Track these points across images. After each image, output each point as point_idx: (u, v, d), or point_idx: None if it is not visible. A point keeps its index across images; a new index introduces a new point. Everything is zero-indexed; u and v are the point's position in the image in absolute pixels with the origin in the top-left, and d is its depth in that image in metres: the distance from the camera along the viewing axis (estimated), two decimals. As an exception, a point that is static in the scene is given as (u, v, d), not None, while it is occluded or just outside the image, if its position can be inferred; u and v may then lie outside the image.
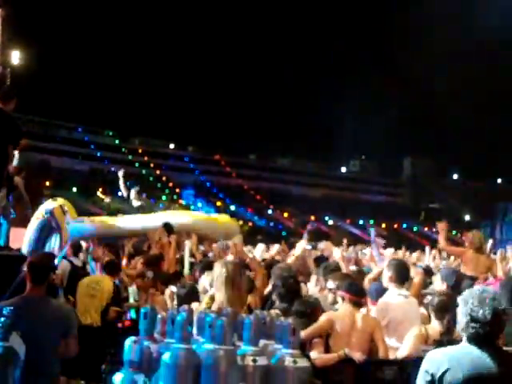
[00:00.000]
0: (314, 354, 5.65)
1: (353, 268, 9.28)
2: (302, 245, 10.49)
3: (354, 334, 5.86)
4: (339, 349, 5.80)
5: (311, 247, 12.41)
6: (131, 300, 9.50)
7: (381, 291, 6.97)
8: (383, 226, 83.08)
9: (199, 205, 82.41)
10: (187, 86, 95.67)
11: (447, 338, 5.14)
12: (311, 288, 8.07)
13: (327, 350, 5.97)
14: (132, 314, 8.86)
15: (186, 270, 9.71)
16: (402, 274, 6.85)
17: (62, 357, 5.60)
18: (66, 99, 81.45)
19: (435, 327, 5.73)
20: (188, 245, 10.26)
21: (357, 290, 6.16)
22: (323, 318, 6.03)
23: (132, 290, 9.65)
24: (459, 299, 3.80)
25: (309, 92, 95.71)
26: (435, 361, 3.58)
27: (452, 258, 14.51)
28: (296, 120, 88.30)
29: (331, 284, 7.00)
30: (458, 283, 7.53)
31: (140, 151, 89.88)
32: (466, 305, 3.61)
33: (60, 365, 8.34)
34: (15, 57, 19.36)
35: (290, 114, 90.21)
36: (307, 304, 6.54)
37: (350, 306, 6.03)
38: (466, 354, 3.55)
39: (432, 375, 3.52)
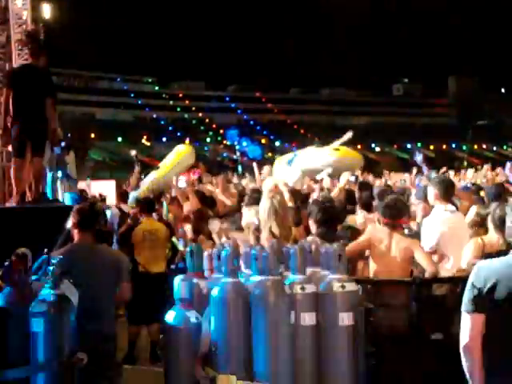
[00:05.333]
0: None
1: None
2: (346, 177, 10.43)
3: (393, 255, 5.83)
4: (379, 269, 5.79)
5: (355, 178, 12.36)
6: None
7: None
8: (431, 147, 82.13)
9: (244, 144, 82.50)
10: (221, 25, 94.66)
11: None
12: (358, 218, 8.02)
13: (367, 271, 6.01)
14: None
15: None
16: (447, 190, 6.80)
17: (116, 302, 5.72)
18: (101, 50, 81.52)
19: (492, 238, 5.68)
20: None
21: (391, 214, 6.05)
22: (362, 238, 6.04)
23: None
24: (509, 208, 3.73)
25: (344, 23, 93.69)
26: (482, 274, 3.54)
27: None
28: (330, 49, 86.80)
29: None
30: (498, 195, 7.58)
31: (180, 95, 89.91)
32: None
33: (126, 311, 8.64)
34: (46, 10, 19.28)
35: (322, 43, 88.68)
36: (346, 229, 6.54)
37: (387, 228, 5.98)
38: (510, 264, 3.50)
39: (479, 290, 3.47)
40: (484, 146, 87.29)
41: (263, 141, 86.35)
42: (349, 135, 17.20)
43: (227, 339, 4.30)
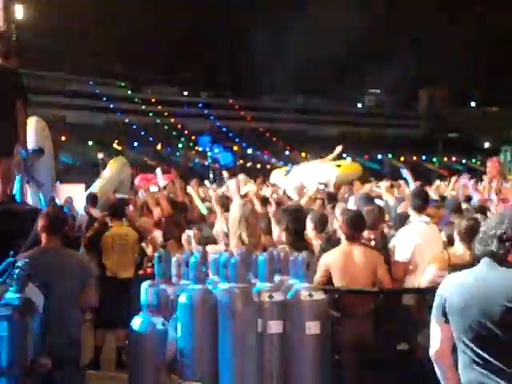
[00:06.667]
0: None
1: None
2: (315, 185, 10.49)
3: (356, 267, 5.77)
4: (343, 282, 5.73)
5: (324, 187, 12.43)
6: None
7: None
8: (402, 159, 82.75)
9: (216, 150, 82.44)
10: (195, 31, 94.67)
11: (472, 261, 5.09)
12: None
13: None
14: None
15: (204, 211, 9.82)
16: (421, 202, 6.87)
17: (82, 306, 5.68)
18: (73, 52, 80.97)
19: (458, 250, 5.73)
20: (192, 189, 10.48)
21: (352, 226, 5.93)
22: (320, 272, 5.77)
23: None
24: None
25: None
26: (444, 285, 3.60)
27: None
28: (308, 58, 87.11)
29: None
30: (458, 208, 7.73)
31: (153, 100, 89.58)
32: (486, 224, 3.58)
33: (92, 316, 8.54)
34: (19, 11, 19.06)
35: (298, 51, 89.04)
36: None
37: (347, 241, 5.91)
38: (472, 277, 3.54)
39: (445, 300, 3.52)
40: (454, 159, 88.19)
41: (235, 148, 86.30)
42: (339, 149, 17.44)
43: (194, 346, 4.29)
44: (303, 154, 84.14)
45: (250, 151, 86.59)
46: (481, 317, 3.40)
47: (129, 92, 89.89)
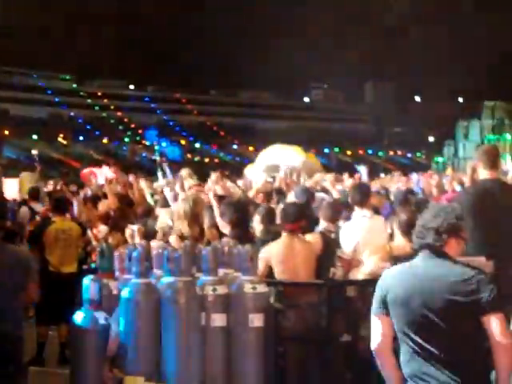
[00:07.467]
0: None
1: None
2: (263, 178, 10.50)
3: (297, 259, 5.81)
4: (284, 275, 5.76)
5: (272, 180, 12.45)
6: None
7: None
8: (348, 153, 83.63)
9: (163, 144, 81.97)
10: (142, 23, 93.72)
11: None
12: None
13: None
14: None
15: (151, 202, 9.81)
16: (363, 196, 6.94)
17: (24, 302, 5.57)
18: (17, 45, 79.47)
19: (400, 243, 5.80)
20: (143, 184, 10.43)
21: (287, 218, 5.96)
22: (260, 264, 5.75)
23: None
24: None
25: (267, 23, 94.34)
26: (384, 277, 3.64)
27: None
28: (255, 51, 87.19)
29: None
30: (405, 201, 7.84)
31: (99, 94, 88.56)
32: (422, 217, 3.65)
33: (35, 312, 8.41)
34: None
35: (247, 45, 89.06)
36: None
37: (287, 234, 5.96)
38: (411, 269, 3.60)
39: (385, 293, 3.56)
40: (399, 153, 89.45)
41: (182, 142, 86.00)
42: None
43: (136, 341, 4.25)
44: (251, 148, 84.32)
45: (197, 145, 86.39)
46: (422, 308, 3.46)
47: (74, 85, 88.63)
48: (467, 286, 3.42)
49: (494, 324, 3.38)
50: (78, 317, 4.30)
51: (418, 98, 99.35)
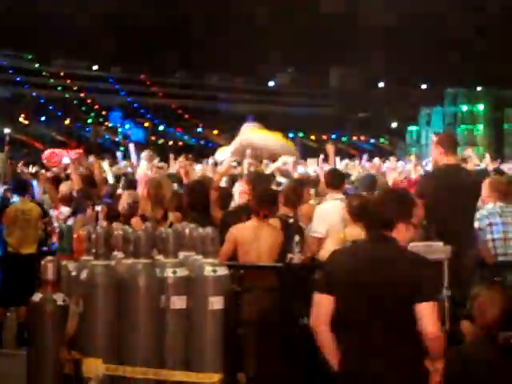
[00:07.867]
0: None
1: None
2: (228, 161, 10.50)
3: (261, 243, 5.85)
4: (247, 257, 5.81)
5: (236, 164, 12.48)
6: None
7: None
8: (312, 137, 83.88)
9: (127, 126, 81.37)
10: (108, 5, 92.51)
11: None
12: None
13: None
14: None
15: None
16: (336, 179, 7.03)
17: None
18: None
19: (354, 230, 5.85)
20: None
21: (264, 204, 5.99)
22: (226, 243, 5.84)
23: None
24: None
25: (235, 6, 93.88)
26: (330, 258, 3.72)
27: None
28: (219, 34, 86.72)
29: None
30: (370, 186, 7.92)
31: (62, 74, 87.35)
32: (373, 202, 3.71)
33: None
34: None
35: (212, 28, 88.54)
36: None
37: (258, 218, 5.98)
38: (357, 250, 3.66)
39: (328, 272, 3.61)
40: (362, 138, 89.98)
41: (146, 124, 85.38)
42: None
43: (95, 322, 4.24)
44: (215, 132, 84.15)
45: (161, 128, 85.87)
46: (363, 290, 3.50)
47: (36, 65, 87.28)
48: (408, 272, 3.47)
49: (425, 312, 3.40)
50: (36, 298, 4.27)
51: (381, 84, 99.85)
